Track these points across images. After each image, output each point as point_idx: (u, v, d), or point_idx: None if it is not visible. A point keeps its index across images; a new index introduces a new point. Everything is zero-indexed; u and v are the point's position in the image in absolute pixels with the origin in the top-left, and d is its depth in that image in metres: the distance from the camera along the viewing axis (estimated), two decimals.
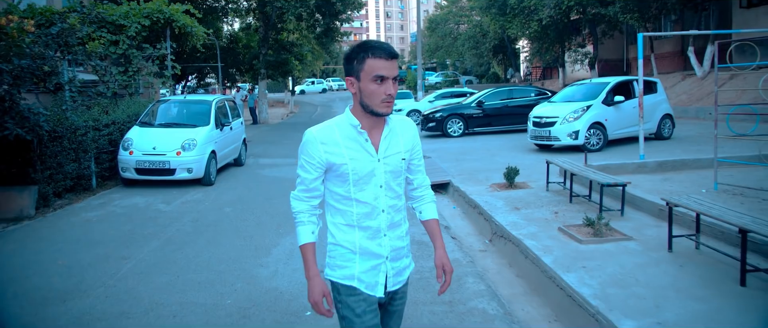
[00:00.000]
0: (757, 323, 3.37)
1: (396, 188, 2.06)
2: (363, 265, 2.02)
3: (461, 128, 15.89)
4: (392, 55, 1.94)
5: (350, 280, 2.02)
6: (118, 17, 10.88)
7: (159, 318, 3.84)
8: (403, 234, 2.11)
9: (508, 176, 8.10)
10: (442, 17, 38.42)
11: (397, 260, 2.08)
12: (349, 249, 2.02)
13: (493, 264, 5.57)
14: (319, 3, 20.56)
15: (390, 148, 2.03)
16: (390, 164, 2.02)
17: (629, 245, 5.08)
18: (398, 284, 2.11)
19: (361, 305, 2.00)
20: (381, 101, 1.93)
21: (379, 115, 1.96)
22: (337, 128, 1.99)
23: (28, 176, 7.14)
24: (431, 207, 2.25)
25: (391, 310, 2.17)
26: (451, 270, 2.16)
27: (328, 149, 1.97)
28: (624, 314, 3.60)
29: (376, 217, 2.02)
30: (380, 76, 1.90)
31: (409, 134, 2.11)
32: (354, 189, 1.99)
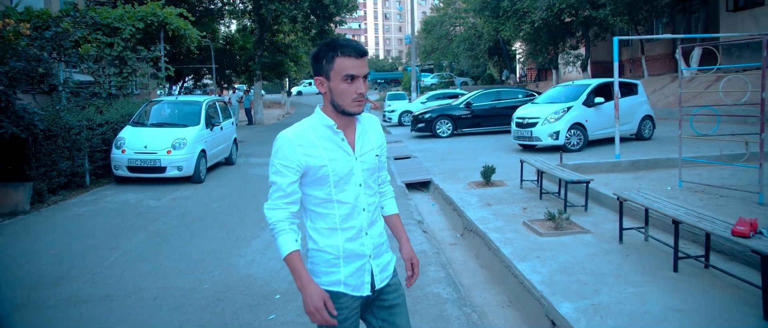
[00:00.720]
0: (678, 302, 3.70)
1: (373, 185, 2.07)
2: (348, 269, 1.99)
3: (450, 129, 16.23)
4: (361, 53, 1.92)
5: (336, 286, 1.98)
6: (113, 20, 11.23)
7: (140, 300, 4.18)
8: (381, 231, 2.11)
9: (485, 174, 8.44)
10: (437, 19, 38.78)
11: (379, 257, 2.07)
12: (333, 255, 1.99)
13: (460, 256, 5.91)
14: (313, 5, 20.91)
15: (364, 145, 2.04)
16: (366, 161, 2.03)
17: (585, 237, 5.41)
18: (386, 280, 2.08)
19: (344, 312, 1.98)
20: (352, 100, 1.91)
21: (350, 115, 1.95)
22: (311, 130, 1.95)
23: (23, 172, 7.48)
24: (392, 202, 2.27)
25: (389, 304, 2.11)
26: (418, 262, 2.18)
27: (306, 151, 1.91)
28: (564, 298, 3.94)
29: (358, 216, 2.00)
30: (350, 75, 1.88)
31: (377, 131, 2.13)
32: (335, 190, 1.97)
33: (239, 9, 24.09)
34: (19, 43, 7.07)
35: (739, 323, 3.38)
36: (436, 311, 3.95)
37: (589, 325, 3.48)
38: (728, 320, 3.44)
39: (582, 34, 27.32)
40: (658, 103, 19.37)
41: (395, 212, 2.25)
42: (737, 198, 6.52)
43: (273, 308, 4.00)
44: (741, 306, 3.59)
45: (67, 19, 8.76)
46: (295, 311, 3.94)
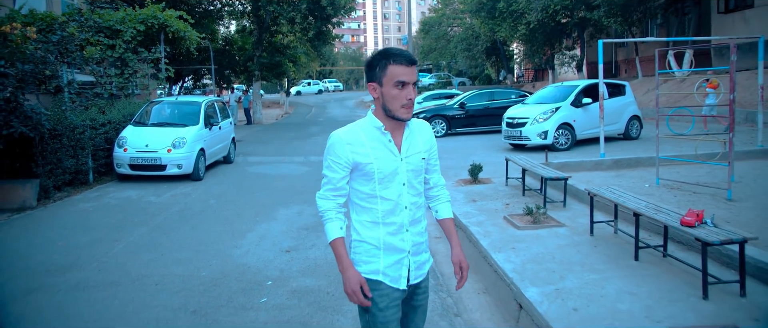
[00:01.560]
0: (633, 286, 4.07)
1: (417, 186, 2.17)
2: (387, 260, 2.11)
3: (444, 129, 16.59)
4: (412, 62, 2.04)
5: (375, 274, 2.11)
6: (115, 22, 11.59)
7: (143, 286, 4.54)
8: (422, 230, 2.21)
9: (472, 172, 8.80)
10: (435, 19, 39.15)
11: (418, 255, 2.18)
12: (374, 245, 2.11)
13: (443, 248, 6.26)
14: (310, 7, 21.27)
15: (411, 148, 2.14)
16: (411, 163, 2.13)
17: (560, 230, 5.77)
18: (419, 278, 2.20)
19: (384, 300, 2.09)
20: (401, 106, 2.03)
21: (400, 120, 2.06)
22: (361, 130, 2.09)
23: (30, 170, 7.84)
24: (446, 206, 2.37)
25: (415, 305, 2.25)
26: (468, 266, 2.28)
27: (354, 149, 2.05)
28: (532, 283, 4.30)
29: (399, 213, 2.11)
30: (401, 81, 2.00)
31: (426, 135, 2.23)
32: (379, 187, 2.09)
33: (238, 10, 24.42)
34: (27, 46, 7.44)
35: (680, 302, 3.74)
36: None
37: (551, 307, 3.84)
38: (672, 299, 3.80)
39: (577, 35, 27.69)
40: (650, 104, 19.70)
41: (449, 216, 2.34)
42: (709, 194, 6.86)
43: (265, 293, 4.37)
44: (686, 288, 3.95)
45: (73, 24, 9.13)
46: (285, 295, 4.30)
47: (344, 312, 4.01)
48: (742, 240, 3.72)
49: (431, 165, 2.27)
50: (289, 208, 7.64)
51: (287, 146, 15.81)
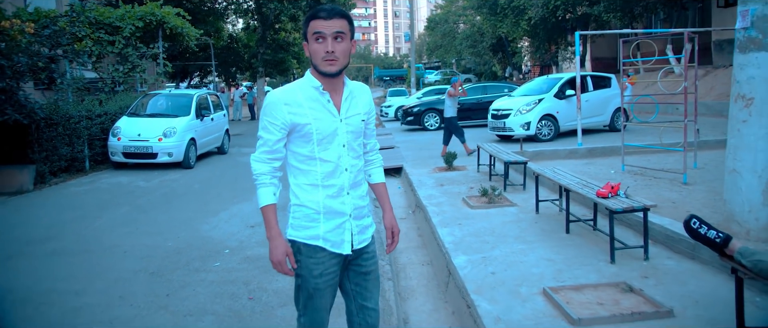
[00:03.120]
0: (553, 254, 4.41)
1: (356, 148, 2.12)
2: (328, 224, 2.05)
3: (438, 122, 16.91)
4: (332, 14, 1.96)
5: (315, 240, 2.05)
6: (115, 19, 12.13)
7: (113, 254, 5.00)
8: (363, 194, 2.17)
9: (447, 160, 9.15)
10: (441, 16, 39.40)
11: (359, 219, 2.13)
12: (314, 209, 2.05)
13: (404, 227, 6.61)
14: (311, 3, 21.71)
15: (351, 109, 2.09)
16: (351, 124, 2.08)
17: (510, 209, 6.12)
18: (363, 242, 2.15)
19: (319, 268, 2.05)
20: (322, 59, 1.96)
21: (325, 75, 1.99)
22: (299, 90, 2.02)
23: (27, 156, 8.37)
24: (380, 171, 2.34)
25: (364, 271, 2.19)
26: (398, 230, 2.29)
27: (291, 110, 1.99)
28: (464, 253, 4.66)
29: (340, 175, 2.06)
30: (319, 33, 1.94)
31: (365, 98, 2.18)
32: (318, 148, 2.03)
33: (243, 8, 24.97)
34: (22, 40, 7.96)
35: (589, 266, 4.08)
36: None
37: (473, 271, 4.21)
38: (583, 264, 4.14)
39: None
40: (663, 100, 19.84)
41: (382, 181, 2.33)
42: (667, 179, 7.14)
43: (219, 259, 4.79)
44: (600, 255, 4.29)
45: (64, 19, 9.65)
46: (237, 260, 4.71)
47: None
48: (642, 208, 4.05)
49: (370, 130, 2.25)
50: None
51: None
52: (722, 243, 2.78)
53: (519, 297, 3.63)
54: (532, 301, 3.55)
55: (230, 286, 4.14)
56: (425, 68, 49.16)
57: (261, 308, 3.71)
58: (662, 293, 3.54)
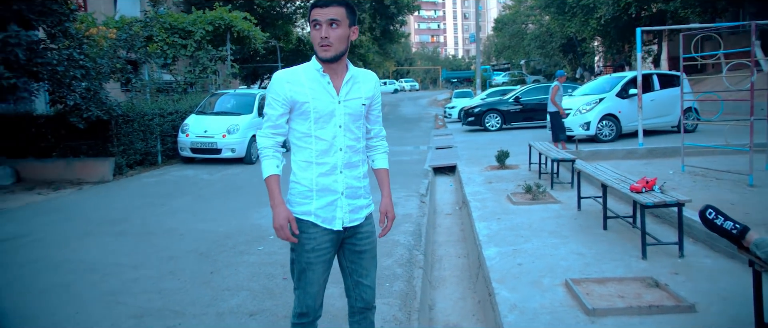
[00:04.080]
0: (584, 248, 4.38)
1: (355, 131, 2.19)
2: (319, 201, 2.14)
3: (499, 122, 16.76)
4: (327, 3, 2.05)
5: (307, 215, 2.14)
6: (187, 24, 13.00)
7: (170, 236, 5.45)
8: (360, 176, 2.22)
9: (499, 158, 9.13)
10: (509, 17, 38.78)
11: (353, 198, 2.19)
12: (307, 187, 2.15)
13: (448, 222, 6.74)
14: (375, 6, 22.10)
15: (351, 93, 2.17)
16: (350, 107, 2.16)
17: (552, 206, 6.07)
18: (355, 221, 2.21)
19: (311, 243, 2.15)
20: (318, 45, 2.07)
21: (324, 60, 2.09)
22: (302, 71, 2.15)
23: (107, 150, 9.20)
24: (383, 157, 2.40)
25: (359, 250, 2.26)
26: (393, 216, 2.34)
27: (293, 88, 2.10)
28: (496, 245, 4.72)
29: (334, 154, 2.14)
30: (315, 20, 2.05)
31: (371, 84, 2.24)
32: (314, 126, 2.12)
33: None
34: (104, 45, 8.78)
35: (618, 261, 4.03)
36: (387, 249, 4.87)
37: (500, 262, 4.27)
38: (612, 259, 4.10)
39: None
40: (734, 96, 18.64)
41: (384, 167, 2.39)
42: (731, 181, 6.80)
43: (264, 243, 5.11)
44: (632, 251, 4.21)
45: (138, 24, 10.51)
46: (280, 245, 5.01)
47: None
48: (675, 203, 3.95)
49: (373, 115, 2.31)
50: None
51: None
52: (739, 234, 2.71)
53: (540, 287, 3.67)
54: (553, 291, 3.58)
55: (268, 267, 4.43)
56: (493, 70, 48.48)
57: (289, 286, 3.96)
58: (689, 289, 3.46)
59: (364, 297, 2.31)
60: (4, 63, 6.19)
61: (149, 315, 3.51)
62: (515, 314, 3.29)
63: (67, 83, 7.39)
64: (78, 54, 7.57)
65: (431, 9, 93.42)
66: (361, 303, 2.32)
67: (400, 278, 4.17)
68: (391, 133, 14.68)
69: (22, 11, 6.80)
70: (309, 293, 2.21)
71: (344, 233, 2.21)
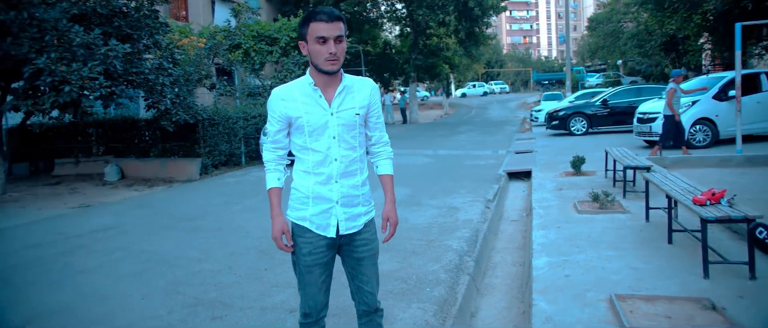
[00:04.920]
0: (641, 263, 4.14)
1: (350, 140, 2.23)
2: (315, 208, 2.21)
3: (584, 126, 16.04)
4: (332, 18, 2.09)
5: (303, 221, 2.23)
6: (273, 31, 13.71)
7: (236, 233, 5.83)
8: (357, 184, 2.26)
9: (574, 164, 8.78)
10: (604, 16, 36.79)
11: (349, 206, 2.24)
12: (304, 194, 2.23)
13: (511, 228, 6.60)
14: (459, 9, 21.96)
15: (344, 103, 2.21)
16: (343, 117, 2.20)
17: (619, 216, 5.77)
18: (352, 229, 2.26)
19: (308, 246, 2.23)
20: (325, 60, 2.10)
21: (326, 73, 2.14)
22: (296, 87, 2.21)
23: (195, 151, 9.95)
24: (386, 163, 2.43)
25: (357, 257, 2.31)
26: (396, 222, 2.37)
27: (287, 105, 2.18)
28: (547, 254, 4.59)
29: (329, 164, 2.19)
30: (322, 37, 2.08)
31: (365, 93, 2.27)
32: (309, 139, 2.19)
33: (396, 16, 26.08)
34: (192, 54, 9.53)
35: (675, 278, 3.77)
36: (437, 254, 4.89)
37: (547, 272, 4.16)
38: (669, 275, 3.84)
39: None
40: None
41: (387, 173, 2.43)
42: None
43: None
44: (694, 269, 3.91)
45: (221, 33, 11.25)
46: None
47: None
48: (743, 218, 3.62)
49: (372, 122, 2.34)
50: None
51: (428, 142, 16.67)
52: None
53: (582, 301, 3.53)
54: (594, 306, 3.44)
55: None
56: (587, 71, 46.26)
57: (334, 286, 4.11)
58: (752, 315, 3.18)
59: (366, 301, 2.38)
60: (105, 73, 6.94)
61: (201, 305, 3.81)
62: (549, 327, 3.20)
63: (159, 90, 8.12)
64: (167, 63, 8.29)
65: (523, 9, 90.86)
66: (364, 306, 2.40)
67: (443, 283, 4.18)
68: (473, 137, 14.86)
69: (122, 26, 7.61)
70: (309, 295, 2.31)
71: (341, 239, 2.27)
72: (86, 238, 5.83)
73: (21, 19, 6.61)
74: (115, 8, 7.65)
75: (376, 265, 2.39)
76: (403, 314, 3.59)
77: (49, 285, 4.37)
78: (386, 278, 4.32)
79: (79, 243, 5.62)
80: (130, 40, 7.79)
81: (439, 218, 6.39)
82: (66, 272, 4.67)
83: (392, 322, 3.48)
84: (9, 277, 4.64)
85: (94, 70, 6.59)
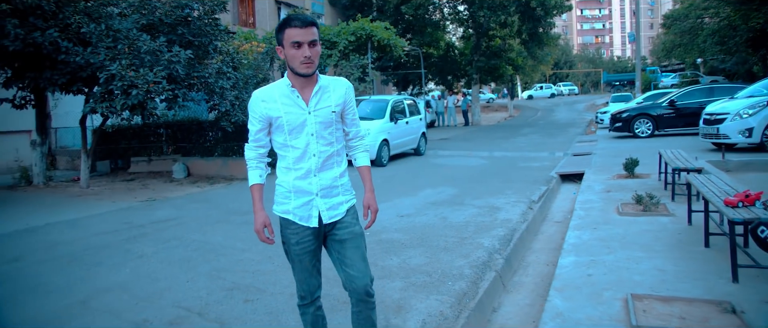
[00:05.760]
0: (669, 265, 4.07)
1: (327, 137, 2.37)
2: (296, 201, 2.38)
3: (650, 129, 15.40)
4: (306, 24, 2.22)
5: (287, 214, 2.40)
6: (332, 35, 14.17)
7: None
8: (336, 176, 2.42)
9: (627, 167, 8.55)
10: (680, 12, 34.82)
11: (329, 197, 2.40)
12: (286, 189, 2.39)
13: (552, 229, 6.57)
14: (521, 9, 21.63)
15: (321, 102, 2.35)
16: (320, 115, 2.34)
17: (662, 219, 5.63)
18: (335, 217, 2.42)
19: (295, 237, 2.40)
20: (300, 63, 2.23)
21: (302, 75, 2.27)
22: (275, 89, 2.34)
23: None
24: (363, 156, 2.60)
25: (340, 239, 2.45)
26: (376, 209, 2.54)
27: (267, 106, 2.32)
28: (576, 254, 4.60)
29: (308, 160, 2.35)
30: (297, 41, 2.21)
31: (340, 91, 2.41)
32: (289, 137, 2.34)
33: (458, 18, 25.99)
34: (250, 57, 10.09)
35: (702, 281, 3.70)
36: (467, 250, 5.00)
37: (572, 271, 4.18)
38: (697, 278, 3.77)
39: None
40: None
41: (364, 164, 2.60)
42: None
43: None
44: (725, 273, 3.81)
45: None
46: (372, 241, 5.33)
47: (399, 252, 4.96)
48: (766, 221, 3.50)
49: (349, 119, 2.49)
50: (435, 188, 8.68)
51: (486, 144, 16.57)
52: None
53: (597, 300, 3.56)
54: (609, 305, 3.46)
55: None
56: (662, 71, 43.97)
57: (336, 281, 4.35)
58: None
59: (353, 285, 2.44)
60: (168, 77, 7.56)
61: (238, 289, 4.15)
62: (556, 322, 3.27)
63: (219, 93, 8.69)
64: (227, 67, 8.86)
65: (596, 8, 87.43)
66: (355, 294, 2.46)
67: (466, 278, 4.30)
68: (533, 139, 14.75)
69: (185, 34, 8.23)
70: (302, 280, 2.51)
71: (325, 227, 2.43)
72: (148, 228, 6.40)
73: (99, 30, 7.35)
74: (179, 18, 8.29)
75: (361, 248, 2.49)
76: (419, 305, 3.75)
77: (112, 266, 4.88)
78: (412, 271, 4.50)
79: (141, 232, 6.18)
80: (192, 46, 8.42)
81: (477, 217, 6.47)
82: (127, 256, 5.18)
83: (408, 311, 3.65)
84: (81, 257, 5.22)
85: (158, 74, 7.22)
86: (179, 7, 8.23)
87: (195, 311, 3.78)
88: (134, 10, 7.97)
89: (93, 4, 7.79)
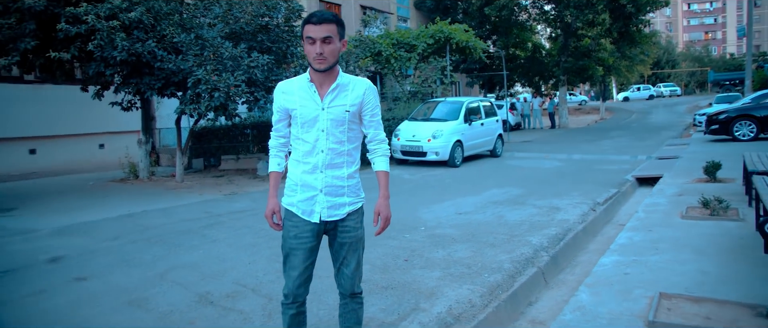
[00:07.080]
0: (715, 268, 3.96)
1: (338, 135, 2.40)
2: (302, 195, 2.42)
3: (752, 131, 14.23)
4: (322, 21, 2.26)
5: (291, 206, 2.45)
6: (411, 38, 14.51)
7: None
8: (343, 176, 2.45)
9: (708, 170, 8.12)
10: None
11: (333, 196, 2.43)
12: (294, 182, 2.44)
13: (613, 231, 6.42)
14: (610, 7, 20.70)
15: (336, 100, 2.38)
16: (333, 113, 2.37)
17: (728, 223, 5.39)
18: (334, 217, 2.44)
19: (294, 230, 2.43)
20: (313, 59, 2.29)
21: (317, 71, 2.33)
22: (296, 82, 2.42)
23: None
24: (382, 160, 2.59)
25: (340, 242, 2.50)
26: (387, 216, 2.53)
27: (286, 97, 2.41)
28: (620, 253, 4.59)
29: (315, 155, 2.38)
30: (310, 37, 2.26)
31: (359, 92, 2.43)
32: (301, 130, 2.40)
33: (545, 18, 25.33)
34: None
35: (745, 285, 3.60)
36: (513, 247, 5.11)
37: (610, 269, 4.21)
38: (741, 282, 3.68)
39: None
40: None
41: (382, 169, 2.59)
42: None
43: (412, 232, 5.81)
44: None
45: (352, 41, 12.26)
46: (423, 236, 5.66)
47: (446, 246, 5.17)
48: None
49: (367, 121, 2.50)
50: (501, 189, 8.73)
51: (568, 147, 16.05)
52: None
53: (625, 296, 3.59)
54: (635, 301, 3.49)
55: (400, 250, 5.14)
56: None
57: (404, 267, 4.62)
58: None
59: (343, 283, 2.57)
60: (247, 81, 8.27)
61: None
62: (575, 315, 3.36)
63: None
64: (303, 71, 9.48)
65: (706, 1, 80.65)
66: (341, 289, 2.61)
67: (504, 272, 4.43)
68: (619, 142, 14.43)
69: (264, 41, 8.93)
70: (291, 277, 2.48)
71: (326, 225, 2.46)
72: (224, 217, 7.06)
73: (189, 39, 8.22)
74: (259, 26, 9.01)
75: (358, 252, 2.56)
76: (451, 292, 3.96)
77: (189, 248, 5.53)
78: (453, 263, 4.70)
79: (217, 220, 6.85)
80: (271, 52, 9.10)
81: (534, 216, 6.50)
82: (202, 240, 5.82)
83: (438, 297, 3.88)
84: (165, 239, 5.94)
85: (238, 78, 7.94)
86: (259, 16, 8.94)
87: (250, 287, 4.25)
88: (220, 19, 8.80)
89: (187, 16, 8.70)
